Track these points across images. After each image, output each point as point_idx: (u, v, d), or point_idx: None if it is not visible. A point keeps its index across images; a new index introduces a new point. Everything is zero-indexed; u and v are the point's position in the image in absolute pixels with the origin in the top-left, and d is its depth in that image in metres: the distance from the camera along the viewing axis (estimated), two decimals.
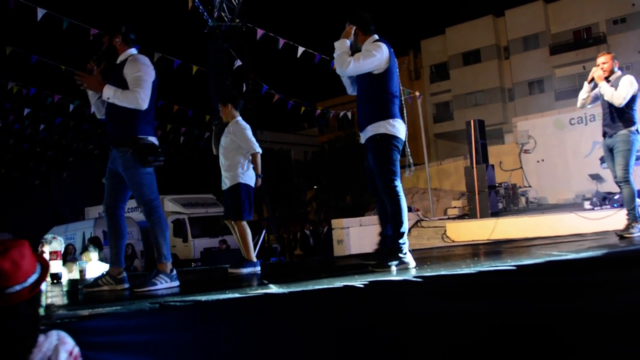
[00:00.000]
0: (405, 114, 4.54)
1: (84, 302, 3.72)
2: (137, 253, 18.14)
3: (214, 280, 5.02)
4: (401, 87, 4.53)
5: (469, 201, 13.63)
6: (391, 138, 4.28)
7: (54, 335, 1.90)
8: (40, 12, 9.63)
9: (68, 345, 1.93)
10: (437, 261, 4.77)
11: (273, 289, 3.40)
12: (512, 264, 3.50)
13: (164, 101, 14.78)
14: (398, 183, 4.28)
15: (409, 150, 5.46)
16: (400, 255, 4.16)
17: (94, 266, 6.28)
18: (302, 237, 20.63)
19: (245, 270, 5.37)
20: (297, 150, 42.32)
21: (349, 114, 17.06)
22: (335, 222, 13.52)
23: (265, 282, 3.99)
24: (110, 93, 3.97)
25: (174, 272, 4.15)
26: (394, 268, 4.05)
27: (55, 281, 5.22)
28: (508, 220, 11.90)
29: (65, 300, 3.96)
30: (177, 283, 4.11)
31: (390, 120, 4.29)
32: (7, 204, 25.81)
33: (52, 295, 4.26)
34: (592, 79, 5.82)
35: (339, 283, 3.27)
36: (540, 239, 6.49)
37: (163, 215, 4.19)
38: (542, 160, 18.05)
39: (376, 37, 4.45)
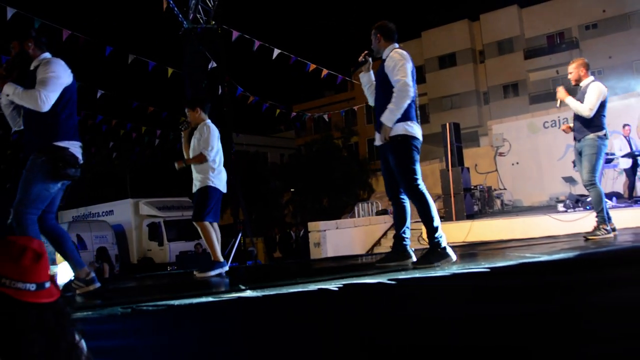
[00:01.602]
0: (419, 116, 4.66)
1: None
2: (111, 257, 17.91)
3: (189, 284, 4.96)
4: (417, 92, 4.63)
5: (445, 204, 13.72)
6: (411, 139, 4.40)
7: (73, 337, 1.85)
8: (10, 12, 9.44)
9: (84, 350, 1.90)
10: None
11: (248, 292, 3.37)
12: (486, 266, 3.53)
13: (138, 102, 14.62)
14: (421, 182, 4.39)
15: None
16: (440, 249, 4.22)
17: (65, 270, 6.16)
18: (282, 239, 20.54)
19: (213, 273, 5.34)
20: (274, 153, 42.23)
21: (325, 117, 17.07)
22: (311, 225, 13.51)
23: (242, 286, 3.95)
24: (9, 90, 3.79)
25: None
26: (436, 264, 4.10)
27: None
28: (483, 222, 12.03)
29: None
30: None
31: (409, 122, 4.41)
32: None
33: None
34: (561, 101, 5.93)
35: (320, 286, 3.26)
36: (515, 241, 6.55)
37: (31, 230, 3.79)
38: (517, 163, 18.29)
39: (396, 45, 4.61)
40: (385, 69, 4.52)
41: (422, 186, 4.40)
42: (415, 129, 4.45)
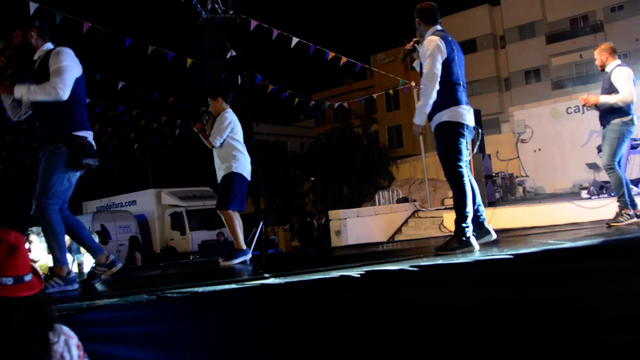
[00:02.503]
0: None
1: (82, 294, 3.71)
2: (142, 246, 18.04)
3: (212, 272, 5.02)
4: (464, 74, 4.60)
5: None
6: (455, 125, 4.36)
7: (60, 329, 1.86)
8: (33, 6, 9.56)
9: (75, 339, 1.91)
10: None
11: (271, 280, 3.40)
12: (509, 252, 3.51)
13: (159, 93, 14.72)
14: (462, 169, 4.36)
15: (480, 134, 5.52)
16: (464, 238, 4.23)
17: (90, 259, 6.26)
18: (300, 228, 20.56)
19: (237, 261, 5.37)
20: (294, 142, 42.24)
21: (345, 105, 17.02)
22: (332, 214, 13.52)
23: (265, 274, 3.99)
24: (22, 91, 3.76)
25: (72, 275, 3.98)
26: (458, 251, 4.12)
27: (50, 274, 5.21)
28: (505, 210, 11.92)
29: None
30: (74, 287, 3.93)
31: (455, 108, 4.36)
32: (6, 200, 25.80)
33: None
34: (592, 105, 5.73)
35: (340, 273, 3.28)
36: (537, 228, 6.49)
37: (54, 219, 3.84)
38: (539, 149, 18.07)
39: (438, 27, 4.54)
40: (420, 55, 4.52)
41: (464, 173, 4.37)
42: (463, 114, 4.39)
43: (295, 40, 12.38)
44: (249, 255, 5.54)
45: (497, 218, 11.28)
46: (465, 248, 4.17)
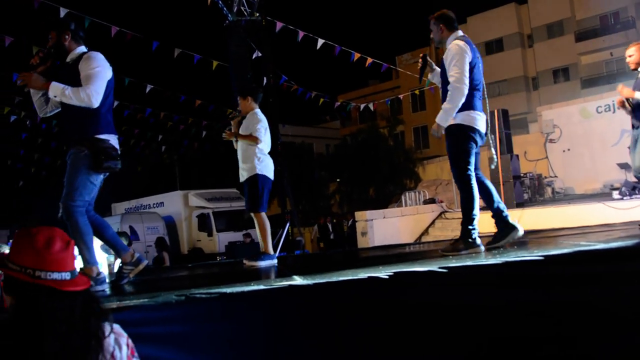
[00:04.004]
0: (487, 107, 4.63)
1: (111, 294, 3.76)
2: (169, 246, 18.22)
3: (239, 273, 5.04)
4: (484, 82, 4.61)
5: None
6: (467, 129, 4.40)
7: (110, 327, 1.89)
8: (63, 11, 9.74)
9: (125, 337, 1.94)
10: None
11: (298, 280, 3.40)
12: (539, 254, 3.45)
13: (185, 96, 14.86)
14: (471, 172, 4.40)
15: (492, 141, 5.52)
16: (470, 240, 4.30)
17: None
18: (322, 230, 20.59)
19: (262, 263, 5.36)
20: (319, 143, 42.28)
21: (371, 106, 16.95)
22: (358, 215, 13.50)
23: (292, 275, 3.99)
24: (57, 91, 3.79)
25: (102, 275, 4.02)
26: (463, 252, 4.20)
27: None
28: (534, 211, 11.76)
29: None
30: (103, 287, 3.97)
31: (468, 112, 4.39)
32: (37, 202, 26.37)
33: None
34: (624, 104, 5.44)
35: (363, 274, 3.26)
36: (568, 230, 6.38)
37: (81, 221, 3.90)
38: (568, 149, 17.78)
39: (460, 33, 4.59)
40: (444, 61, 4.52)
41: (471, 176, 4.40)
42: (476, 119, 4.43)
43: (320, 41, 12.38)
44: (275, 261, 5.53)
45: (525, 219, 11.13)
46: (471, 249, 4.25)
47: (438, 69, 4.82)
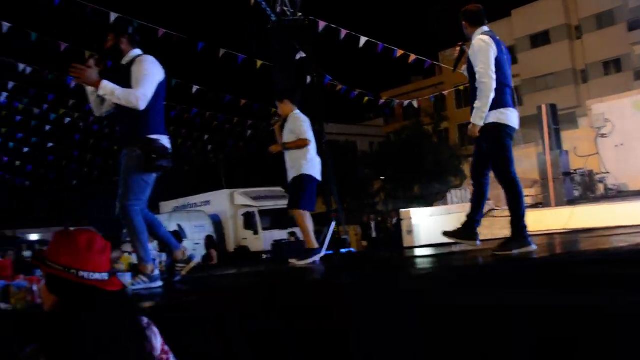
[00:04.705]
0: (516, 102, 4.61)
1: (166, 291, 3.85)
2: (217, 244, 18.47)
3: (287, 270, 5.08)
4: (511, 76, 4.58)
5: (543, 189, 13.16)
6: (502, 127, 4.37)
7: (146, 320, 1.97)
8: (113, 16, 10.03)
9: (155, 327, 2.01)
10: None
11: (345, 278, 3.42)
12: (594, 253, 3.37)
13: (231, 96, 15.07)
14: (513, 169, 4.39)
15: (520, 136, 5.64)
16: (522, 238, 4.25)
17: None
18: (365, 228, 20.46)
19: (309, 261, 5.41)
20: (363, 141, 42.17)
21: (415, 103, 16.82)
22: (403, 213, 13.38)
23: (339, 272, 4.01)
24: (107, 90, 3.89)
25: (156, 273, 4.13)
26: (515, 251, 4.15)
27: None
28: (586, 208, 11.40)
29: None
30: (158, 284, 4.07)
31: (502, 109, 4.37)
32: (90, 201, 27.23)
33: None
34: None
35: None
36: (622, 228, 6.19)
37: (136, 220, 4.03)
38: (621, 144, 17.14)
39: (485, 29, 4.57)
40: (469, 57, 4.50)
41: (515, 174, 4.38)
42: (509, 116, 4.39)
43: (363, 39, 12.36)
44: (322, 253, 5.58)
45: (576, 217, 10.82)
46: (523, 248, 4.17)
47: None
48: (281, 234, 19.76)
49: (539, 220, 11.44)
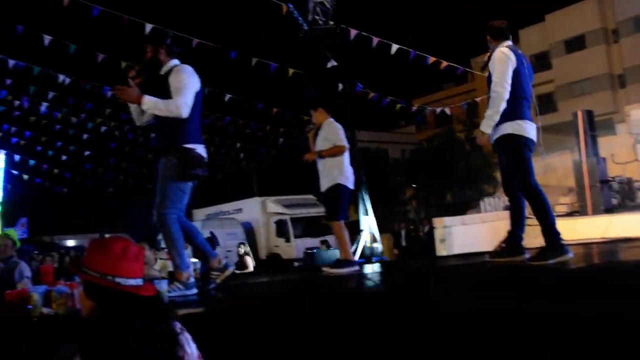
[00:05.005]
0: (537, 114, 4.65)
1: (202, 299, 3.90)
2: (249, 252, 18.58)
3: (319, 279, 5.08)
4: (532, 90, 4.60)
5: (579, 197, 12.89)
6: (521, 138, 4.39)
7: (180, 326, 2.01)
8: (149, 27, 10.26)
9: (188, 334, 2.04)
10: None
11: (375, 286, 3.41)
12: (634, 264, 3.29)
13: (263, 104, 15.19)
14: (534, 179, 4.39)
15: (542, 149, 5.69)
16: (557, 246, 4.20)
17: None
18: (395, 236, 20.26)
19: (343, 271, 5.38)
20: (395, 148, 41.98)
21: (447, 110, 16.70)
22: (436, 221, 13.27)
23: (371, 281, 4.01)
24: (150, 104, 3.97)
25: (192, 280, 4.15)
26: (551, 261, 4.09)
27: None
28: (624, 217, 11.13)
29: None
30: (193, 291, 4.10)
31: (518, 121, 4.39)
32: (126, 208, 27.77)
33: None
34: None
35: None
36: None
37: (173, 228, 4.09)
38: None
39: (506, 42, 4.61)
40: (489, 67, 4.57)
41: (537, 184, 4.37)
42: (526, 128, 4.41)
43: (395, 47, 12.35)
44: (357, 267, 5.55)
45: (615, 226, 10.56)
46: (559, 257, 4.10)
47: None
48: (313, 242, 19.76)
49: (574, 229, 11.20)
